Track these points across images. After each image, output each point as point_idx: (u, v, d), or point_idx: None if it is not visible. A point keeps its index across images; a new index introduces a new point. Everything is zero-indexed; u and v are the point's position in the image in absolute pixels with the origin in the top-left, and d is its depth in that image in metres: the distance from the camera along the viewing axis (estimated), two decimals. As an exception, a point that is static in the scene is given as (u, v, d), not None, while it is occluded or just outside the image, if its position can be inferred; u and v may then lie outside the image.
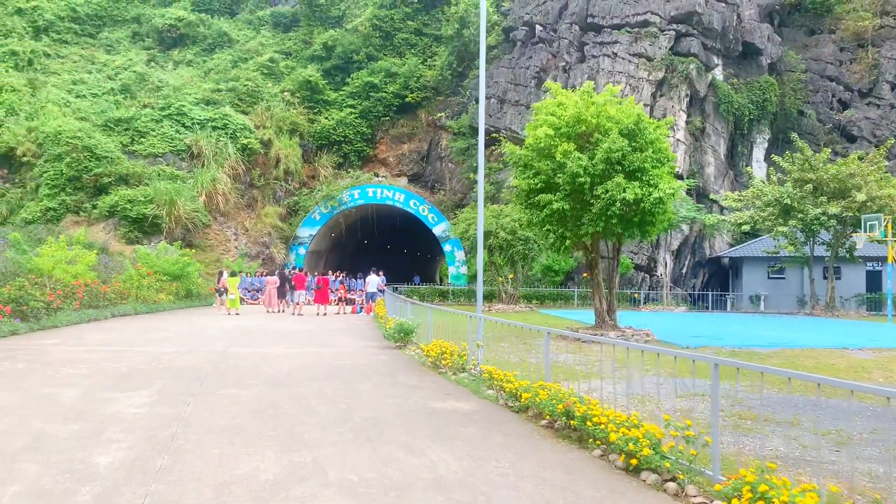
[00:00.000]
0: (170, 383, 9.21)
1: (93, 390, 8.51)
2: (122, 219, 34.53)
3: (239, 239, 40.98)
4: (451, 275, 44.33)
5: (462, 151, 44.69)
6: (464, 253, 43.74)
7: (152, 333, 15.93)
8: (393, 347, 14.12)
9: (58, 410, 7.29)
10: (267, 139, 43.92)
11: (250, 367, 10.84)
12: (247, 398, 8.27)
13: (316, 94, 48.68)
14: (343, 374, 10.42)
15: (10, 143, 37.68)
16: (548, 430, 6.96)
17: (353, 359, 12.20)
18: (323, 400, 8.24)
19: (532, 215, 16.57)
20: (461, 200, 44.80)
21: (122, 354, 11.89)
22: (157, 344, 13.69)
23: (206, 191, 38.67)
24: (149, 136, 40.82)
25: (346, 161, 47.29)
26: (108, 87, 48.01)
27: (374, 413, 7.54)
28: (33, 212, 34.73)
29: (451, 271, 44.66)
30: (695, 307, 35.28)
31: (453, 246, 43.93)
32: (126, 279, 24.26)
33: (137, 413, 7.28)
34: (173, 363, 11.06)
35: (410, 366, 11.51)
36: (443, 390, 9.19)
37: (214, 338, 15.32)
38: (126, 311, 21.89)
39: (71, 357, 11.38)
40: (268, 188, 44.48)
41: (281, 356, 12.31)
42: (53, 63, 52.32)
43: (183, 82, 48.64)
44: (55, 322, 16.88)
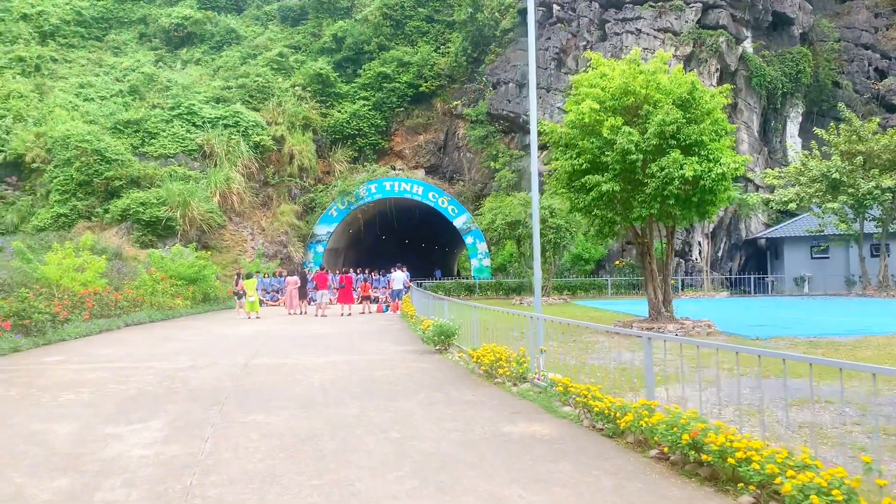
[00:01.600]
0: (184, 409, 7.80)
1: (92, 423, 7.12)
2: (135, 222, 33.36)
3: (255, 239, 39.75)
4: (474, 268, 42.83)
5: (480, 140, 43.13)
6: (486, 245, 42.25)
7: (166, 345, 14.57)
8: (432, 352, 12.67)
9: (46, 456, 5.89)
10: (280, 136, 42.63)
11: (277, 384, 9.42)
12: (277, 427, 6.84)
13: (327, 87, 47.28)
14: (384, 388, 8.97)
15: (18, 149, 36.62)
16: (663, 465, 5.46)
17: (391, 368, 10.75)
18: (369, 427, 6.79)
19: (577, 199, 15.02)
20: (481, 191, 43.28)
21: (131, 372, 10.52)
22: (171, 358, 12.31)
23: (219, 191, 37.46)
24: (159, 137, 39.65)
25: (361, 155, 45.90)
26: (117, 90, 46.93)
27: (435, 445, 6.07)
28: (44, 219, 33.64)
29: (474, 264, 43.14)
30: (735, 291, 33.54)
31: (475, 238, 42.40)
32: (139, 285, 22.98)
33: (143, 456, 5.86)
34: (189, 382, 9.67)
35: (459, 375, 10.04)
36: (507, 407, 7.72)
37: (234, 347, 13.94)
38: (140, 319, 20.60)
39: (73, 378, 10.02)
40: (282, 186, 43.20)
41: (310, 367, 10.89)
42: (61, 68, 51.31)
43: (192, 81, 47.45)
44: (62, 335, 15.57)
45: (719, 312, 20.31)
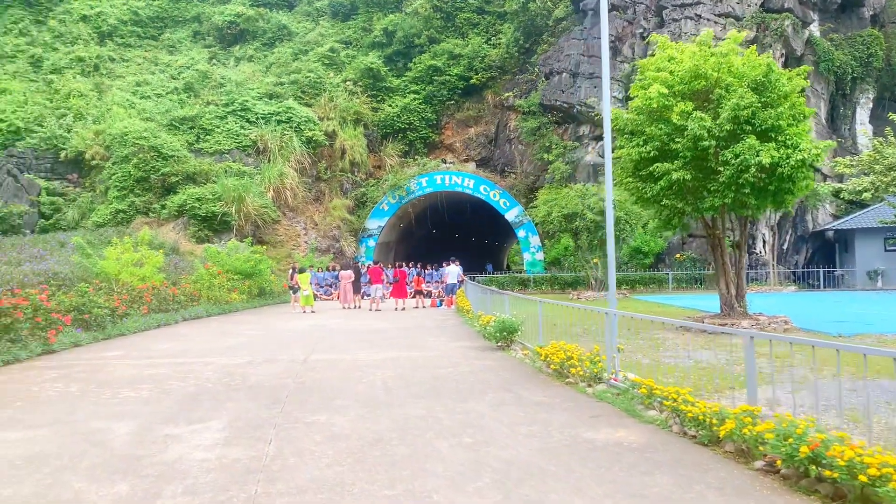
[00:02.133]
0: (245, 408, 7.50)
1: (152, 423, 6.86)
2: (192, 217, 33.71)
3: (308, 233, 39.86)
4: (527, 262, 42.18)
5: (533, 131, 42.35)
6: (539, 238, 41.55)
7: (224, 339, 14.44)
8: (494, 349, 12.19)
9: (105, 458, 5.62)
10: (331, 130, 42.65)
11: (338, 381, 9.08)
12: (342, 429, 6.46)
13: (378, 81, 47.12)
14: (450, 386, 8.54)
15: (79, 147, 37.44)
16: (773, 479, 4.88)
17: (453, 365, 10.32)
18: (439, 430, 6.35)
19: (644, 189, 14.32)
20: (534, 183, 42.52)
21: (191, 368, 10.33)
22: (229, 353, 12.13)
23: (273, 186, 37.65)
24: (214, 133, 40.06)
25: (411, 149, 45.62)
26: (172, 87, 47.69)
27: (513, 452, 5.60)
28: (103, 214, 34.28)
29: (526, 258, 42.48)
30: (803, 285, 32.13)
31: (527, 231, 41.74)
32: (196, 280, 23.08)
33: (205, 460, 5.54)
34: (248, 378, 9.40)
35: (526, 374, 9.55)
36: (584, 410, 7.19)
37: (292, 342, 13.71)
38: (197, 313, 20.65)
39: (132, 374, 9.87)
40: (334, 181, 43.24)
41: (370, 364, 10.54)
42: (118, 67, 52.43)
43: (245, 78, 47.89)
44: (121, 330, 15.60)
45: (792, 307, 19.31)
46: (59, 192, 36.81)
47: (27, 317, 12.26)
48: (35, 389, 8.73)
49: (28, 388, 8.88)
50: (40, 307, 12.76)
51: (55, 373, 10.05)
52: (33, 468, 5.36)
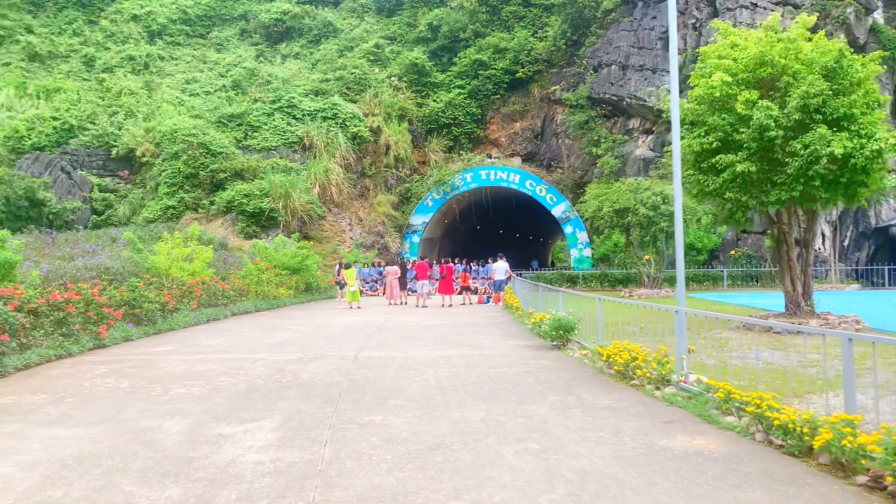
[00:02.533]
0: (297, 407, 7.25)
1: (204, 421, 6.65)
2: (240, 213, 33.98)
3: (353, 229, 39.87)
4: (574, 258, 41.55)
5: (580, 125, 41.63)
6: (587, 234, 40.84)
7: (273, 335, 14.31)
8: (549, 348, 11.77)
9: (156, 460, 5.40)
10: (376, 126, 42.62)
11: (391, 379, 8.79)
12: (399, 431, 6.15)
13: (423, 76, 46.90)
14: (507, 388, 8.17)
15: (129, 144, 38.09)
16: (880, 497, 4.40)
17: (509, 365, 9.94)
18: (501, 435, 5.99)
19: (705, 182, 13.69)
20: (581, 178, 41.84)
21: (241, 364, 10.16)
22: (279, 349, 11.95)
23: (319, 182, 37.77)
24: (261, 130, 40.37)
25: (456, 144, 45.32)
26: (220, 85, 48.28)
27: (586, 462, 5.21)
28: (154, 210, 34.77)
29: (574, 254, 41.86)
30: (866, 283, 30.83)
31: (574, 227, 41.11)
32: (245, 275, 23.14)
33: (259, 462, 5.28)
34: (299, 375, 9.18)
35: (586, 375, 9.11)
36: (655, 415, 6.75)
37: (341, 338, 13.50)
38: (246, 308, 20.67)
39: (183, 370, 9.73)
40: (379, 176, 43.21)
41: (423, 362, 10.23)
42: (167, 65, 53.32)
43: (291, 75, 48.23)
44: (171, 325, 15.61)
45: (860, 306, 18.40)
46: (110, 188, 37.50)
47: (79, 311, 12.29)
48: (86, 385, 8.64)
49: (79, 383, 8.80)
50: (92, 301, 12.78)
51: (106, 368, 9.98)
52: (84, 469, 5.16)
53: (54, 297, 11.71)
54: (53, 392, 8.21)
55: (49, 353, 10.67)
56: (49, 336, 11.36)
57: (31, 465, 5.26)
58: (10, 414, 7.06)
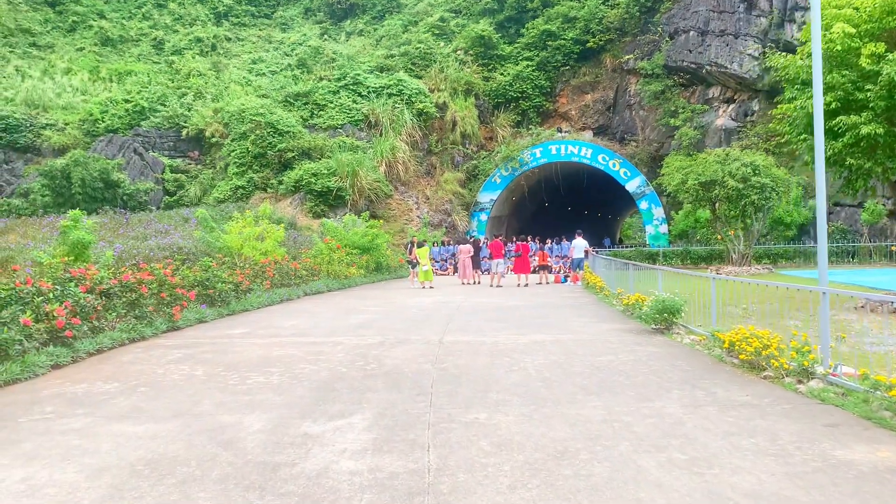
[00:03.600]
0: (387, 400, 6.48)
1: (286, 417, 5.94)
2: (308, 193, 33.72)
3: (420, 208, 39.21)
4: (649, 235, 39.96)
5: (656, 95, 39.69)
6: (662, 210, 39.11)
7: (349, 317, 13.66)
8: (650, 332, 10.71)
9: (238, 466, 4.68)
10: (442, 102, 41.67)
11: (485, 368, 7.94)
12: (510, 433, 5.29)
13: (489, 49, 45.61)
14: (620, 379, 7.21)
15: (199, 125, 38.28)
16: None
17: (612, 352, 8.96)
18: (634, 441, 5.06)
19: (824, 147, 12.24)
20: (657, 151, 40.00)
21: (320, 349, 9.49)
22: (357, 332, 11.26)
23: (385, 160, 37.20)
24: (327, 109, 40.01)
25: (524, 119, 43.98)
26: (286, 64, 48.21)
27: (752, 479, 4.23)
28: (224, 191, 34.86)
29: (649, 231, 40.25)
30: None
31: (650, 203, 39.44)
32: (315, 254, 22.69)
33: (355, 472, 4.50)
34: (383, 362, 8.43)
35: (705, 364, 8.05)
36: (812, 416, 5.69)
37: (420, 321, 12.74)
38: (318, 288, 20.19)
39: (260, 355, 9.11)
40: (445, 154, 42.34)
41: (515, 348, 9.34)
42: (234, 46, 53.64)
43: (356, 52, 47.73)
44: (245, 305, 15.17)
45: None
46: (181, 169, 37.81)
47: (152, 292, 11.87)
48: (160, 372, 8.09)
49: (153, 369, 8.27)
50: (165, 282, 12.37)
51: (180, 353, 9.46)
52: (156, 477, 4.48)
53: (126, 277, 11.30)
54: (125, 380, 7.68)
55: (122, 336, 10.25)
56: (122, 318, 10.96)
57: (98, 472, 4.62)
58: (80, 405, 6.52)
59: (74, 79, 44.57)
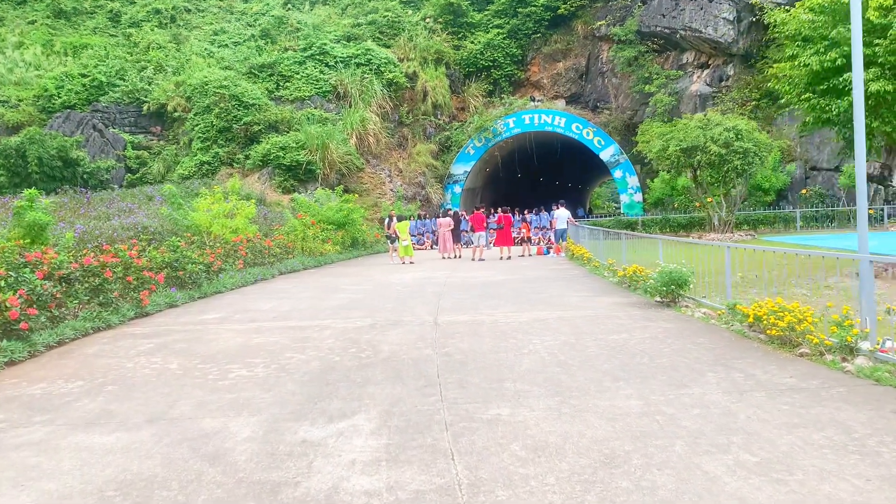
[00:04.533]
0: (392, 394, 5.74)
1: (280, 420, 5.17)
2: (276, 167, 32.57)
3: (393, 181, 38.29)
4: (624, 204, 39.65)
5: (629, 62, 38.99)
6: (637, 178, 38.73)
7: (331, 296, 12.85)
8: (654, 306, 10.11)
9: (229, 488, 3.91)
10: (412, 72, 40.53)
11: (491, 352, 7.24)
12: (543, 433, 4.59)
13: (459, 17, 44.41)
14: (643, 361, 6.56)
15: (160, 99, 36.71)
16: None
17: (624, 329, 8.31)
18: (689, 438, 4.39)
19: (826, 106, 11.69)
20: (631, 119, 39.45)
21: (306, 335, 8.70)
22: (343, 313, 10.48)
23: (356, 132, 36.13)
24: (293, 80, 38.65)
25: (496, 88, 43.06)
26: (249, 35, 46.46)
27: (847, 488, 3.58)
28: (188, 167, 33.53)
29: (624, 200, 39.93)
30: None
31: (624, 171, 39.03)
32: (289, 230, 21.74)
33: (373, 493, 3.76)
34: (379, 348, 7.68)
35: (728, 341, 7.43)
36: (875, 400, 5.08)
37: (408, 299, 11.99)
38: (293, 266, 19.30)
39: (239, 343, 8.30)
40: (417, 125, 41.35)
41: (517, 327, 8.66)
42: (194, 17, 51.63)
43: (321, 21, 46.16)
44: (217, 287, 14.27)
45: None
46: (143, 145, 36.29)
47: (117, 276, 10.93)
48: (129, 367, 7.25)
49: (121, 363, 7.42)
50: (131, 265, 11.42)
51: (151, 343, 8.60)
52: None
53: (88, 260, 10.33)
54: (91, 377, 6.83)
55: (85, 325, 9.34)
56: (84, 306, 10.02)
57: (58, 501, 3.82)
58: (38, 411, 5.68)
59: (27, 53, 42.40)
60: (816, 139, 31.54)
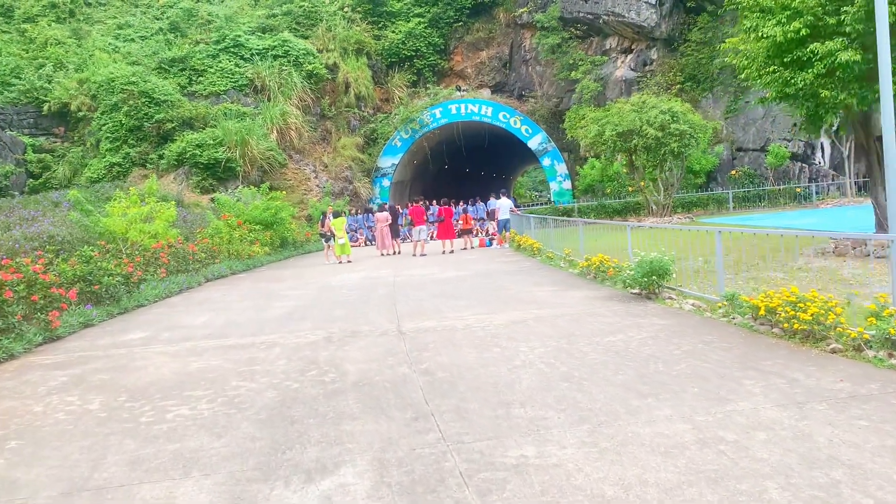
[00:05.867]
0: (377, 433, 4.65)
1: (242, 482, 4.01)
2: (193, 166, 30.58)
3: (319, 176, 36.76)
4: (553, 192, 39.52)
5: (553, 49, 38.63)
6: (565, 166, 38.56)
7: (271, 305, 11.54)
8: (632, 298, 9.33)
9: None
10: (332, 63, 39.01)
11: (479, 366, 6.23)
12: (591, 481, 3.62)
13: (378, 6, 43.12)
14: (659, 369, 5.69)
15: (62, 98, 33.96)
16: None
17: (614, 328, 7.45)
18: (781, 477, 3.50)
19: (792, 79, 11.15)
20: (557, 106, 39.18)
21: (252, 355, 7.47)
22: (289, 326, 9.25)
23: (276, 127, 34.43)
24: (207, 74, 36.50)
25: (420, 78, 42.09)
26: (157, 28, 43.76)
27: None
28: (97, 169, 31.10)
29: (553, 188, 39.78)
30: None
31: (553, 159, 38.83)
32: (213, 233, 20.11)
33: None
34: (343, 368, 6.55)
35: (741, 337, 6.66)
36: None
37: (360, 304, 10.82)
38: (221, 271, 17.76)
39: (174, 371, 7.00)
40: (340, 118, 39.90)
41: (495, 332, 7.66)
42: (95, 11, 48.43)
43: (233, 12, 43.93)
44: (139, 300, 12.72)
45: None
46: (45, 148, 33.48)
47: (20, 295, 9.38)
48: (38, 410, 5.89)
49: (27, 407, 6.04)
50: (36, 281, 9.87)
51: (65, 375, 7.19)
52: None
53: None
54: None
55: (-19, 358, 7.83)
56: (-20, 334, 8.47)
57: None
58: (-86, 487, 4.32)
59: None
60: (741, 120, 31.91)
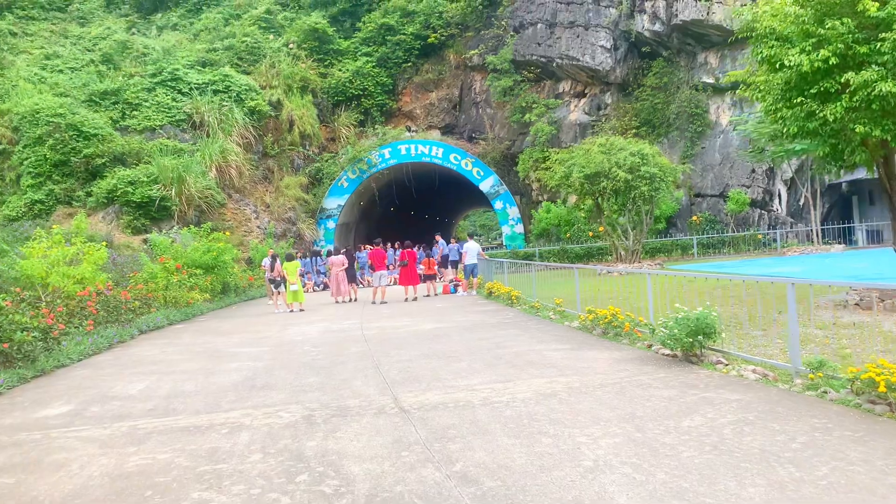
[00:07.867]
0: None
1: None
2: (124, 205, 28.21)
3: (260, 217, 34.77)
4: (506, 235, 38.61)
5: (505, 91, 38.03)
6: (518, 209, 37.68)
7: (224, 367, 9.61)
8: (670, 362, 7.87)
9: None
10: (276, 100, 37.38)
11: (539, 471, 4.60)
12: None
13: (325, 44, 41.92)
14: (800, 476, 4.20)
15: (-22, 130, 31.09)
16: None
17: (682, 409, 5.93)
18: None
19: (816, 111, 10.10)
20: (509, 149, 38.44)
21: (213, 445, 5.64)
22: (254, 398, 7.41)
23: (216, 164, 32.37)
24: (142, 108, 34.27)
25: (367, 118, 40.81)
26: (87, 59, 41.28)
27: None
28: (16, 207, 28.34)
29: (505, 231, 38.87)
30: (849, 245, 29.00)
31: (504, 202, 37.93)
32: (148, 278, 17.92)
33: None
34: (345, 471, 4.82)
35: (862, 423, 5.24)
36: None
37: (332, 366, 9.03)
38: (157, 322, 15.61)
39: (107, 471, 5.11)
40: (284, 156, 38.17)
41: (528, 412, 6.04)
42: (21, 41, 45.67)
43: (171, 46, 41.92)
44: (60, 359, 10.59)
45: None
46: (-43, 183, 30.49)
47: None
48: None
49: None
50: (-74, 342, 7.78)
51: (-48, 479, 5.21)
52: None
53: None
54: None
55: None
56: None
57: None
58: None
59: None
60: (699, 165, 31.61)
